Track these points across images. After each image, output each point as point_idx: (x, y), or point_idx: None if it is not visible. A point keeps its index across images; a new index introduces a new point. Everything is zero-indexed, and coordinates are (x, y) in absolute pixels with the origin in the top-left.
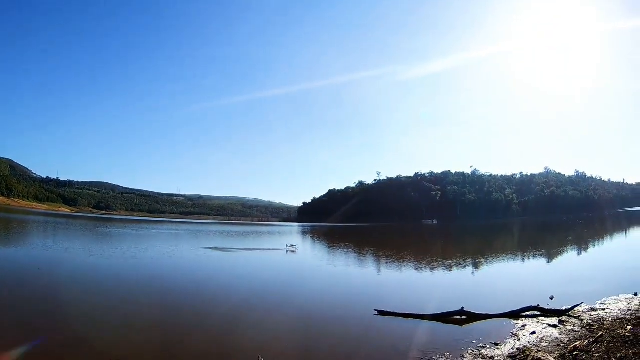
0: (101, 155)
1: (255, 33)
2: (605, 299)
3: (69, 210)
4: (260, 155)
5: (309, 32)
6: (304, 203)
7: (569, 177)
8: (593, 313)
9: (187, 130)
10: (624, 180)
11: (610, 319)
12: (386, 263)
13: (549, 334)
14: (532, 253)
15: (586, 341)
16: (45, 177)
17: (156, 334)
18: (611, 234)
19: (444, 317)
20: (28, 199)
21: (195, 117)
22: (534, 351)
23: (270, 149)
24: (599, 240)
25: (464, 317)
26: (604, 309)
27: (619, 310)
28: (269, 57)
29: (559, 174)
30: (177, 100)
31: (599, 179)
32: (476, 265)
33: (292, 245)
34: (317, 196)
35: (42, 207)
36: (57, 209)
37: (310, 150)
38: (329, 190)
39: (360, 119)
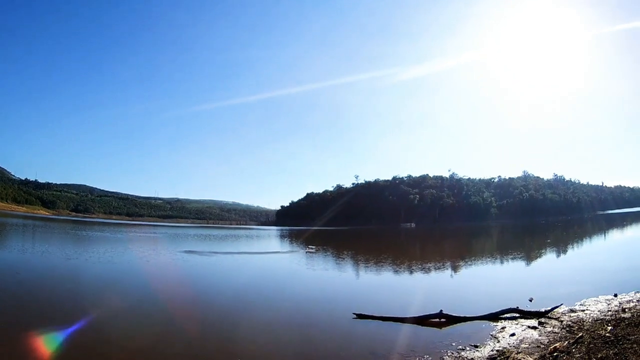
0: (80, 157)
1: (232, 38)
2: (585, 300)
3: (47, 213)
4: (238, 158)
5: (286, 37)
6: (282, 206)
7: (548, 180)
8: (573, 314)
9: (165, 133)
10: (602, 183)
11: (590, 320)
12: (365, 266)
13: (528, 336)
14: (510, 255)
15: (566, 342)
16: (24, 178)
17: (127, 339)
18: (590, 236)
19: (423, 320)
20: (6, 201)
21: (172, 121)
22: (513, 353)
23: (248, 152)
24: (577, 242)
25: (443, 320)
26: (583, 310)
27: (598, 311)
28: (247, 61)
29: (538, 177)
30: (154, 104)
31: (577, 182)
32: (455, 268)
33: (311, 247)
34: (296, 199)
35: (21, 209)
36: (35, 211)
37: (288, 153)
38: (307, 194)
39: (338, 123)
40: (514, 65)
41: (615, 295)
